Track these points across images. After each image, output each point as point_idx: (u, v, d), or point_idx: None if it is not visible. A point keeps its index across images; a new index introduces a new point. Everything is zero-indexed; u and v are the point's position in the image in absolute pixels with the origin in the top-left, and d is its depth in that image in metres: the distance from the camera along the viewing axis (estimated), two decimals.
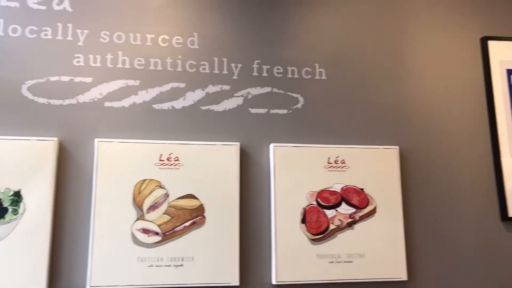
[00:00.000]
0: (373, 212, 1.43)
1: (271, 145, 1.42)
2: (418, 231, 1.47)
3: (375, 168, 1.45)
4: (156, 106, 1.41)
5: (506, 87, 1.61)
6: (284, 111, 1.47)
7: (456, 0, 1.66)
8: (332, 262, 1.38)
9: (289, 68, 1.50)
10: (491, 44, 1.63)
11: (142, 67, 1.42)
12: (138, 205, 1.32)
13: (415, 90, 1.56)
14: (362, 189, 1.44)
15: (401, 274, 1.41)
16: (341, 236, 1.40)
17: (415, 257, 1.45)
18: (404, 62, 1.57)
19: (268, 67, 1.49)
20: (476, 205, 1.52)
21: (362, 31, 1.57)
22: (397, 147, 1.48)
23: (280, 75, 1.49)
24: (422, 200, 1.49)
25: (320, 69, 1.51)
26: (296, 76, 1.50)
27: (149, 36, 1.45)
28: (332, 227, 1.40)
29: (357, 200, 1.43)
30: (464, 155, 1.55)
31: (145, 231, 1.31)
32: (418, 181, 1.50)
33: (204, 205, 1.35)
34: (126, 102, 1.40)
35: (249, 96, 1.46)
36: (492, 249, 1.50)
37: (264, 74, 1.48)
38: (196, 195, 1.35)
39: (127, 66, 1.42)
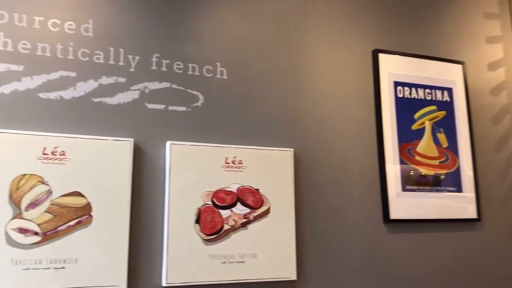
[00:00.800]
0: (267, 212, 1.45)
1: (168, 143, 1.38)
2: (308, 232, 1.52)
3: (271, 169, 1.48)
4: (42, 95, 1.29)
5: (392, 98, 1.73)
6: (183, 108, 1.44)
7: (353, 13, 1.75)
8: (224, 262, 1.37)
9: (190, 65, 1.47)
10: (381, 56, 1.74)
11: (27, 52, 1.30)
12: (15, 202, 1.20)
13: (312, 96, 1.62)
14: (257, 190, 1.45)
15: (290, 274, 1.44)
16: (234, 237, 1.39)
17: (305, 257, 1.49)
18: (303, 68, 1.62)
19: (168, 62, 1.44)
20: (362, 208, 1.61)
21: (264, 35, 1.59)
22: (292, 149, 1.52)
23: (181, 71, 1.45)
24: (313, 202, 1.54)
25: (222, 68, 1.50)
26: (197, 73, 1.47)
27: (37, 18, 1.33)
28: (226, 227, 1.39)
29: (252, 201, 1.43)
30: (353, 161, 1.63)
31: (22, 230, 1.19)
32: (310, 183, 1.55)
33: (92, 204, 1.27)
34: (6, 89, 1.26)
35: (146, 91, 1.40)
36: (375, 249, 1.60)
37: (164, 68, 1.43)
38: (83, 193, 1.26)
39: (10, 49, 1.29)
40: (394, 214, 1.64)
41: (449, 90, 1.83)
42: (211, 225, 1.37)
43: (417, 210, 1.68)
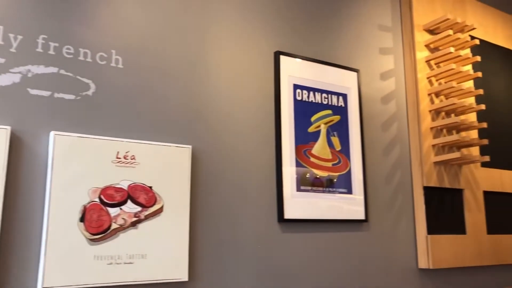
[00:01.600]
0: (159, 211, 1.38)
1: (52, 133, 1.26)
2: (203, 232, 1.48)
3: (166, 166, 1.42)
4: None
5: (292, 101, 1.76)
6: (71, 97, 1.32)
7: (257, 13, 1.75)
8: (111, 263, 1.28)
9: (82, 50, 1.36)
10: (283, 59, 1.76)
11: None
12: None
13: (213, 93, 1.58)
14: (150, 187, 1.38)
15: (182, 274, 1.39)
16: (123, 236, 1.31)
17: (198, 257, 1.46)
18: (205, 64, 1.58)
19: (57, 45, 1.32)
20: (257, 207, 1.61)
21: (165, 25, 1.53)
22: (190, 146, 1.47)
23: (70, 56, 1.34)
24: (209, 201, 1.51)
25: (117, 56, 1.41)
26: (89, 59, 1.36)
27: None
28: (114, 226, 1.30)
29: (144, 199, 1.36)
30: (251, 160, 1.63)
31: None
32: (207, 182, 1.52)
33: None
34: None
35: (29, 75, 1.27)
36: (269, 248, 1.61)
37: (51, 52, 1.31)
38: None
39: None
40: (289, 214, 1.67)
41: (344, 96, 1.91)
42: (97, 224, 1.28)
43: (311, 211, 1.72)
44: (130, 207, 1.33)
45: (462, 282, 2.13)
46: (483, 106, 2.11)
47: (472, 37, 2.33)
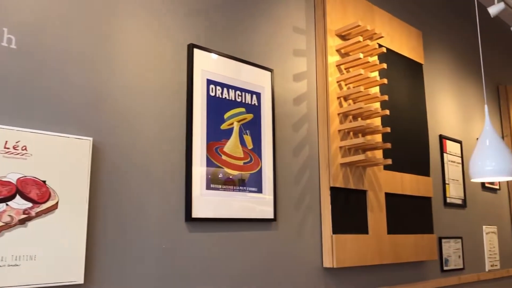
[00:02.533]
0: (54, 208, 1.26)
1: None
2: (103, 231, 1.38)
3: (63, 159, 1.30)
4: None
5: (204, 96, 1.71)
6: None
7: (171, 2, 1.67)
8: None
9: None
10: (197, 52, 1.71)
11: None
12: None
13: (120, 83, 1.48)
14: (44, 182, 1.26)
15: (77, 277, 1.28)
16: (9, 236, 1.18)
17: (97, 258, 1.35)
18: (111, 51, 1.48)
19: None
20: (164, 206, 1.54)
21: (69, 4, 1.40)
22: (90, 139, 1.36)
23: None
24: (111, 199, 1.41)
25: (10, 36, 1.27)
26: None
27: None
28: None
29: (36, 194, 1.24)
30: (159, 156, 1.55)
31: None
32: (109, 177, 1.42)
33: None
34: None
35: None
36: (175, 249, 1.54)
37: None
38: None
39: None
40: (197, 213, 1.61)
41: (258, 95, 1.90)
42: None
43: (220, 210, 1.68)
44: (18, 203, 1.20)
45: (364, 280, 2.22)
46: (387, 112, 2.21)
47: (380, 45, 2.45)
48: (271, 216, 1.85)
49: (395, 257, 2.32)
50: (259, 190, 1.83)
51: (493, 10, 2.22)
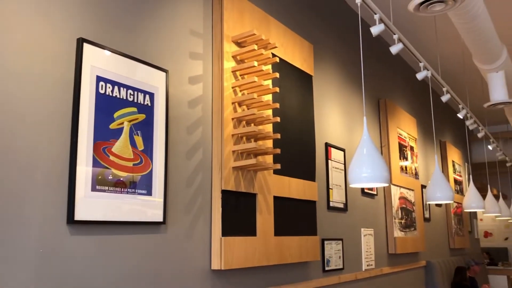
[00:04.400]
0: None
1: None
2: None
3: None
4: None
5: (93, 94, 1.64)
6: None
7: None
8: None
9: None
10: (87, 47, 1.63)
11: None
12: None
13: (1, 81, 1.37)
14: None
15: None
16: None
17: None
18: None
19: None
20: (45, 208, 1.44)
21: None
22: None
23: None
24: None
25: None
26: None
27: None
28: None
29: None
30: (41, 158, 1.45)
31: None
32: None
33: None
34: None
35: None
36: (55, 252, 1.45)
37: None
38: None
39: None
40: (81, 215, 1.54)
41: (151, 95, 1.87)
42: None
43: (107, 212, 1.62)
44: None
45: (251, 281, 2.28)
46: (278, 119, 2.31)
47: (274, 55, 2.55)
48: (160, 219, 1.83)
49: (281, 258, 2.41)
50: (149, 193, 1.80)
51: (374, 30, 2.43)
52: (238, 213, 2.20)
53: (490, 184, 5.83)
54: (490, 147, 6.39)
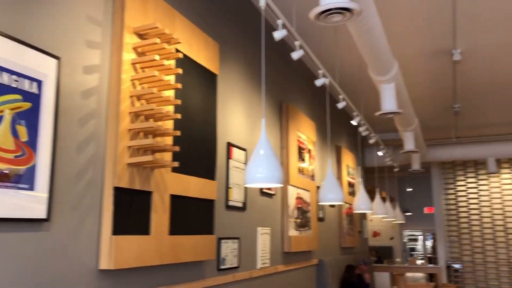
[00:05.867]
0: None
1: None
2: None
3: None
4: None
5: None
6: None
7: None
8: None
9: None
10: None
11: None
12: None
13: None
14: None
15: None
16: None
17: None
18: None
19: None
20: None
21: None
22: None
23: None
24: None
25: None
26: None
27: None
28: None
29: None
30: None
31: None
32: None
33: None
34: None
35: None
36: None
37: None
38: None
39: None
40: None
41: (39, 83, 1.74)
42: None
43: None
44: None
45: (141, 281, 2.22)
46: (179, 116, 2.27)
47: (178, 51, 2.50)
48: (44, 215, 1.71)
49: (175, 258, 2.38)
50: (31, 187, 1.67)
51: (277, 34, 2.49)
52: (132, 211, 2.12)
53: (379, 188, 6.27)
54: (380, 153, 6.89)
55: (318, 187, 5.14)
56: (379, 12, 3.16)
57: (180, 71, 2.30)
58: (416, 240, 15.21)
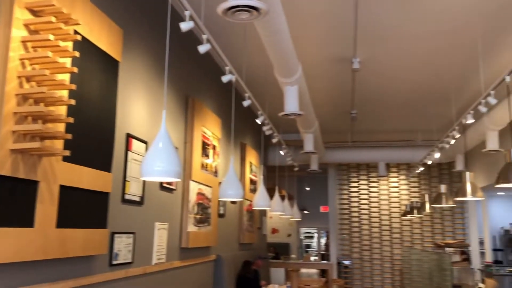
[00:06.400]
0: None
1: None
2: None
3: None
4: None
5: None
6: None
7: None
8: None
9: None
10: None
11: None
12: None
13: None
14: None
15: None
16: None
17: None
18: None
19: None
20: None
21: None
22: None
23: None
24: None
25: None
26: None
27: None
28: None
29: None
30: None
31: None
32: None
33: None
34: None
35: None
36: None
37: None
38: None
39: None
40: None
41: None
42: None
43: None
44: None
45: (22, 277, 2.05)
46: (73, 101, 2.13)
47: (77, 33, 2.34)
48: None
49: (63, 252, 2.24)
50: None
51: (184, 26, 2.45)
52: (14, 202, 1.95)
53: (279, 186, 6.47)
54: (282, 153, 7.11)
55: (220, 183, 5.17)
56: (286, 16, 3.25)
57: (77, 54, 2.17)
58: (312, 237, 15.97)
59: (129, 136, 3.07)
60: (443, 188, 5.91)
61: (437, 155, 6.92)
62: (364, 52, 4.87)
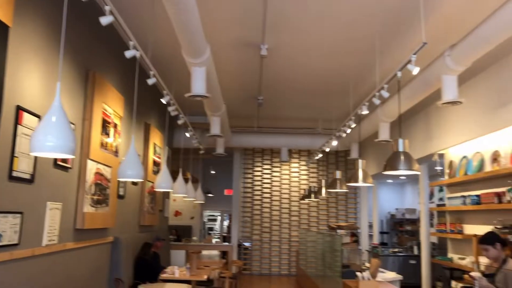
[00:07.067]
0: None
1: None
2: None
3: None
4: None
5: None
6: None
7: None
8: None
9: None
10: None
11: None
12: None
13: None
14: None
15: None
16: None
17: None
18: None
19: None
20: None
21: None
22: None
23: None
24: None
25: None
26: None
27: None
28: None
29: None
30: None
31: None
32: None
33: None
34: None
35: None
36: None
37: None
38: None
39: None
40: None
41: None
42: None
43: None
44: None
45: None
46: None
47: None
48: None
49: None
50: None
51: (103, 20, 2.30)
52: None
53: (184, 168, 6.41)
54: (187, 135, 7.05)
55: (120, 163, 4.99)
56: None
57: None
58: (215, 220, 16.11)
59: (19, 109, 2.84)
60: (338, 174, 6.25)
61: (334, 143, 7.31)
62: (273, 39, 4.96)
